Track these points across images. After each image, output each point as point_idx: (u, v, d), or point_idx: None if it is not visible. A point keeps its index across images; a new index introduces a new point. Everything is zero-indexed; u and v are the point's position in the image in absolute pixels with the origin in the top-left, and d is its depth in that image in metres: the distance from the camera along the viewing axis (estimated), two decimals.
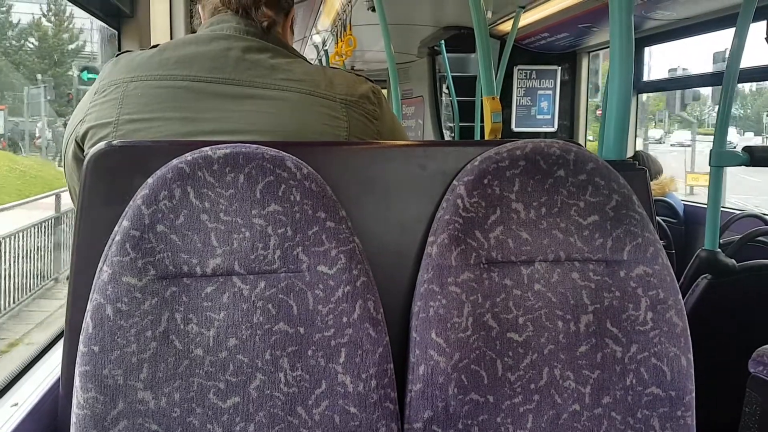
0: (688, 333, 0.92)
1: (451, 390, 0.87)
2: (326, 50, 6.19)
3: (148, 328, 0.80)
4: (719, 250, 1.99)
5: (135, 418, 0.79)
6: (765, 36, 2.55)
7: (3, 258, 5.36)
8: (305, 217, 0.85)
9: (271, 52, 1.05)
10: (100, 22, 1.83)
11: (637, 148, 4.35)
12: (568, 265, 0.92)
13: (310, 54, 6.94)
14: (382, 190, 0.95)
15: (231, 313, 0.83)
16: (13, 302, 5.46)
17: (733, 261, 1.98)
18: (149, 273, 0.81)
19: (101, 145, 0.90)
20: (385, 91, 5.94)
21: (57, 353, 1.15)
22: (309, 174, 0.86)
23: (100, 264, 0.81)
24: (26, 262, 5.78)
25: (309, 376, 0.84)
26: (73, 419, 0.80)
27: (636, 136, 4.27)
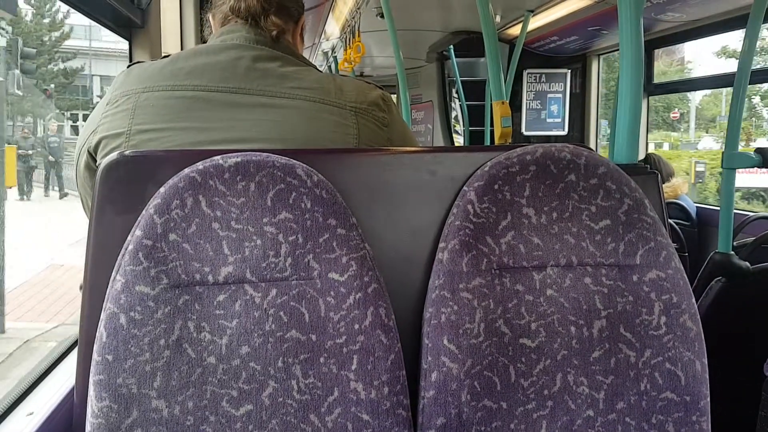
0: (702, 337, 0.91)
1: (464, 396, 0.87)
2: (335, 57, 6.21)
3: (161, 336, 0.81)
4: (733, 252, 1.98)
5: (149, 426, 0.80)
6: None
7: None
8: (316, 225, 0.85)
9: (280, 61, 1.06)
10: None
11: None
12: (580, 270, 0.92)
13: (319, 61, 6.96)
14: (393, 197, 0.95)
15: (243, 320, 0.83)
16: None
17: (747, 263, 1.96)
18: (162, 282, 0.82)
19: (114, 155, 0.90)
20: (394, 97, 5.95)
21: (71, 362, 1.15)
22: (319, 181, 0.86)
23: (113, 273, 0.82)
24: None
25: (321, 384, 0.84)
26: (88, 428, 0.80)
27: (647, 140, 4.25)
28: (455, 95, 5.21)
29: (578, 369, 0.90)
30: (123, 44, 1.96)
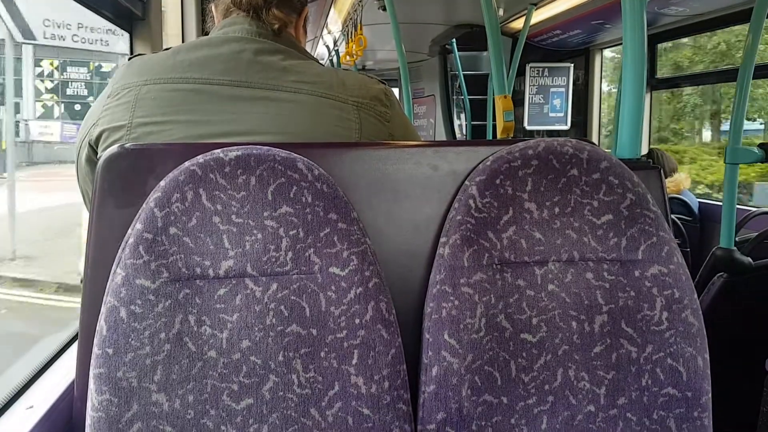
0: (704, 333, 0.91)
1: (465, 391, 0.87)
2: (337, 50, 6.20)
3: (161, 330, 0.81)
4: (735, 248, 1.97)
5: (149, 420, 0.80)
6: None
7: None
8: (317, 219, 0.85)
9: (282, 54, 1.06)
10: None
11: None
12: (582, 265, 0.91)
13: (321, 54, 6.94)
14: (394, 191, 0.95)
15: (244, 314, 0.83)
16: None
17: (749, 259, 1.96)
18: (162, 275, 0.81)
19: (114, 148, 0.90)
20: (396, 91, 5.94)
21: (71, 355, 1.15)
22: (320, 175, 0.86)
23: (113, 266, 0.82)
24: None
25: (322, 378, 0.84)
26: (88, 421, 0.80)
27: (650, 134, 4.24)
28: (457, 89, 5.20)
29: (579, 364, 0.89)
30: None
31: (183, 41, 2.29)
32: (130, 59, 1.08)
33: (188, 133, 0.99)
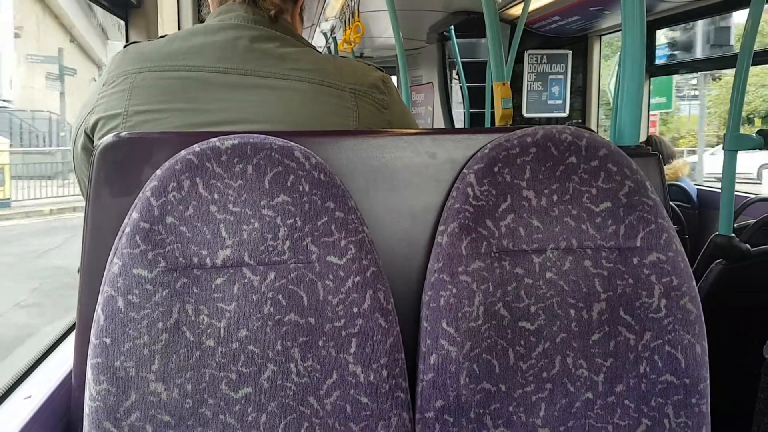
0: (703, 320, 0.91)
1: (463, 379, 0.87)
2: (334, 37, 6.16)
3: (159, 319, 0.80)
4: (733, 235, 1.97)
5: (147, 409, 0.80)
6: None
7: None
8: (314, 208, 0.85)
9: (279, 41, 1.05)
10: None
11: None
12: (580, 253, 0.91)
13: (318, 42, 6.91)
14: (392, 180, 0.94)
15: (242, 304, 0.83)
16: None
17: (748, 246, 1.95)
18: (159, 265, 0.81)
19: (110, 136, 0.89)
20: (394, 78, 5.91)
21: (69, 345, 1.15)
22: (317, 164, 0.86)
23: (110, 256, 0.82)
24: None
25: (320, 367, 0.84)
26: (86, 411, 0.80)
27: (648, 121, 4.23)
28: (456, 77, 5.18)
29: (577, 352, 0.89)
30: None
31: (179, 29, 2.28)
32: (125, 47, 1.07)
33: (184, 121, 0.98)
